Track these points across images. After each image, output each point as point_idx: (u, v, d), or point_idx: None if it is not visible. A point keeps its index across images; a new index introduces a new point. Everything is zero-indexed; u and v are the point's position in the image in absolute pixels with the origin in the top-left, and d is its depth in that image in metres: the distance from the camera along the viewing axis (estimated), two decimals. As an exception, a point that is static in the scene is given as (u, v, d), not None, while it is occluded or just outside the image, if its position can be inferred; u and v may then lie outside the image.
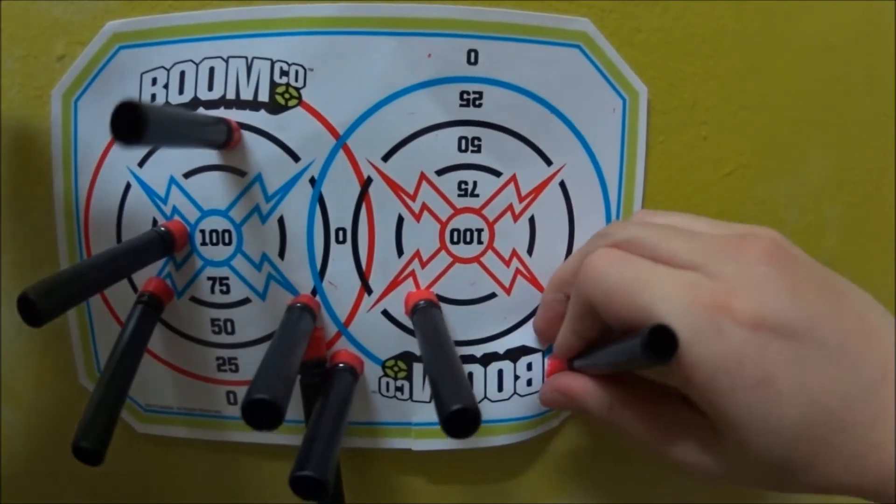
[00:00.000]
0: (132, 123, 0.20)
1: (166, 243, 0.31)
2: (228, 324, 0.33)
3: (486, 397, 0.34)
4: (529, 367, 0.34)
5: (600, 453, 0.37)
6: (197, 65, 0.31)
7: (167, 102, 0.32)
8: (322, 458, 0.25)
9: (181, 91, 0.31)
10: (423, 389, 0.33)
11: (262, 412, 0.22)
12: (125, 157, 0.32)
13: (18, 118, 0.33)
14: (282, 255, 0.32)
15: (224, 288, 0.32)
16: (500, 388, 0.34)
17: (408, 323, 0.32)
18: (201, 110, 0.31)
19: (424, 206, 0.31)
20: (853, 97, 0.35)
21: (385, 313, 0.32)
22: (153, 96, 0.32)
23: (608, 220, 0.33)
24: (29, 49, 0.33)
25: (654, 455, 0.27)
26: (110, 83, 0.32)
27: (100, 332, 0.34)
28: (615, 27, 0.33)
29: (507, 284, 0.33)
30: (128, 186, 0.32)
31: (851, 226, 0.37)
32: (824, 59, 0.34)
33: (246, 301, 0.32)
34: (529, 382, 0.34)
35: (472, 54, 0.31)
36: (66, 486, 0.38)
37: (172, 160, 0.32)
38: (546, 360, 0.34)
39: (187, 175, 0.32)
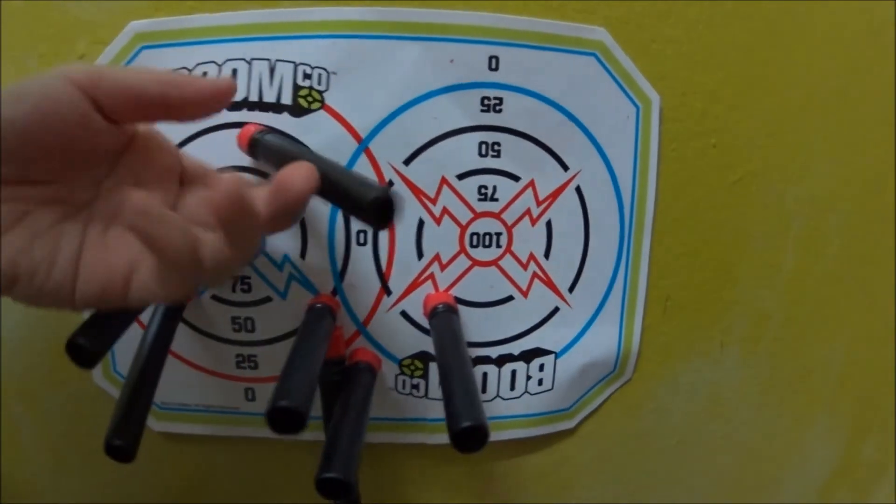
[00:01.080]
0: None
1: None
2: (249, 322, 0.32)
3: (498, 395, 0.34)
4: (542, 367, 0.34)
5: (613, 453, 0.38)
6: (220, 66, 0.31)
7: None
8: (346, 460, 0.25)
9: (204, 92, 0.31)
10: (438, 387, 0.33)
11: (286, 418, 0.22)
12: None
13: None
14: (303, 255, 0.31)
15: (246, 287, 0.32)
16: (513, 388, 0.34)
17: (426, 324, 0.32)
18: (223, 112, 0.31)
19: (445, 210, 0.31)
20: (854, 108, 0.36)
21: (404, 314, 0.32)
22: (176, 96, 0.31)
23: (622, 224, 0.34)
24: (49, 47, 0.32)
25: None
26: (132, 83, 0.31)
27: (118, 329, 0.34)
28: (630, 37, 0.33)
29: (524, 287, 0.33)
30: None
31: (853, 232, 0.38)
32: (827, 72, 0.35)
33: (267, 300, 0.32)
34: (540, 382, 0.35)
35: (494, 60, 0.31)
36: (80, 484, 0.38)
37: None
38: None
39: (210, 175, 0.31)
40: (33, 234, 0.20)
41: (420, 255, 0.32)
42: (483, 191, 0.31)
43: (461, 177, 0.31)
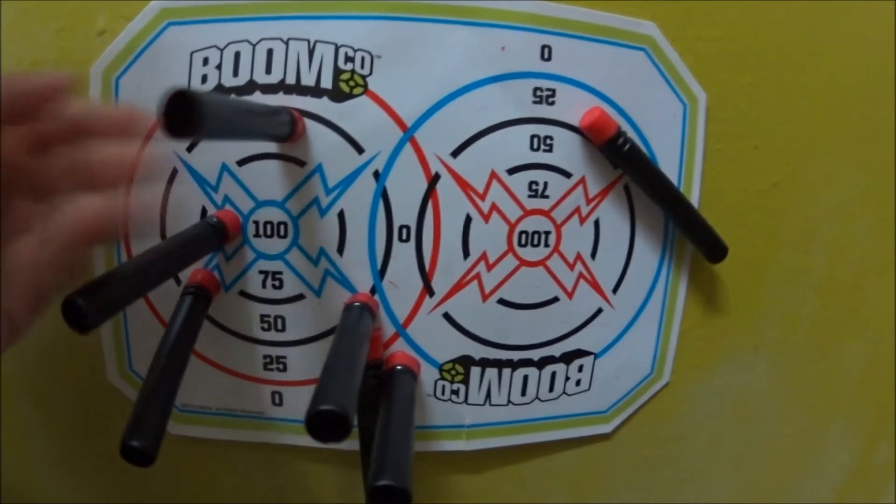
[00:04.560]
0: (186, 115, 0.16)
1: (219, 235, 0.26)
2: (279, 320, 0.28)
3: (537, 398, 0.31)
4: (580, 368, 0.31)
5: (645, 456, 0.35)
6: (254, 46, 0.27)
7: (220, 85, 0.27)
8: (400, 466, 0.21)
9: (236, 73, 0.27)
10: (478, 392, 0.30)
11: (329, 423, 0.18)
12: (173, 141, 0.27)
13: (52, 95, 0.28)
14: (341, 250, 0.27)
15: (277, 283, 0.28)
16: (551, 389, 0.31)
17: (471, 327, 0.29)
18: (258, 94, 0.27)
19: (494, 207, 0.28)
20: (883, 114, 0.33)
21: (447, 316, 0.28)
22: (204, 77, 0.27)
23: (666, 225, 0.30)
24: (66, 22, 0.27)
25: None
26: (157, 61, 0.27)
27: (134, 326, 0.29)
28: (677, 34, 0.30)
29: (569, 288, 0.29)
30: (174, 172, 0.27)
31: (878, 238, 0.35)
32: (857, 75, 0.33)
33: (300, 297, 0.28)
34: (578, 383, 0.31)
35: (546, 50, 0.27)
36: (89, 487, 0.33)
37: (225, 146, 0.27)
38: None
39: (241, 163, 0.27)
40: None
41: (466, 253, 0.28)
42: (534, 187, 0.28)
43: (511, 171, 0.28)
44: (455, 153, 0.27)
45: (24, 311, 0.20)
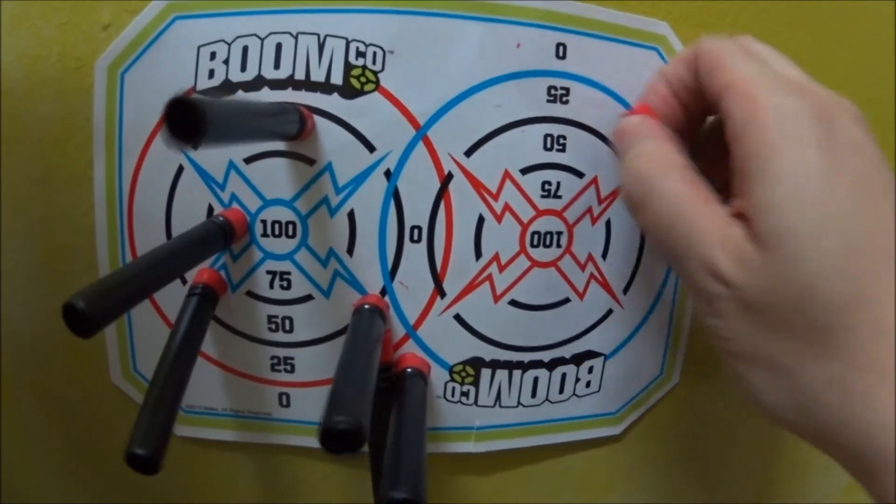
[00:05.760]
0: (189, 122, 0.15)
1: (226, 235, 0.25)
2: (287, 321, 0.27)
3: (547, 399, 0.30)
4: (591, 370, 0.30)
5: (655, 457, 0.34)
6: (262, 40, 0.25)
7: (227, 80, 0.26)
8: (414, 476, 0.21)
9: (243, 68, 0.26)
10: (488, 394, 0.29)
11: (343, 437, 0.18)
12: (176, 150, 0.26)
13: (55, 91, 0.27)
14: (350, 251, 0.26)
15: (285, 283, 0.27)
16: (561, 391, 0.30)
17: (482, 328, 0.28)
18: (266, 90, 0.26)
19: (507, 207, 0.27)
20: (891, 118, 0.32)
21: (458, 318, 0.28)
22: (211, 72, 0.26)
23: (678, 226, 0.30)
24: (70, 16, 0.26)
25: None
26: (163, 56, 0.26)
27: (138, 326, 0.28)
28: (690, 34, 0.29)
29: (580, 289, 0.28)
30: (180, 169, 0.26)
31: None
32: (867, 82, 0.32)
33: (308, 298, 0.27)
34: (588, 384, 0.30)
35: (561, 48, 0.26)
36: (91, 488, 0.32)
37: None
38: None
39: (249, 160, 0.26)
40: None
41: (478, 254, 0.27)
42: (547, 187, 0.27)
43: (525, 171, 0.27)
44: (468, 152, 0.26)
45: None
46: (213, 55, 0.26)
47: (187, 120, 0.15)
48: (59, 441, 0.31)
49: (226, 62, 0.26)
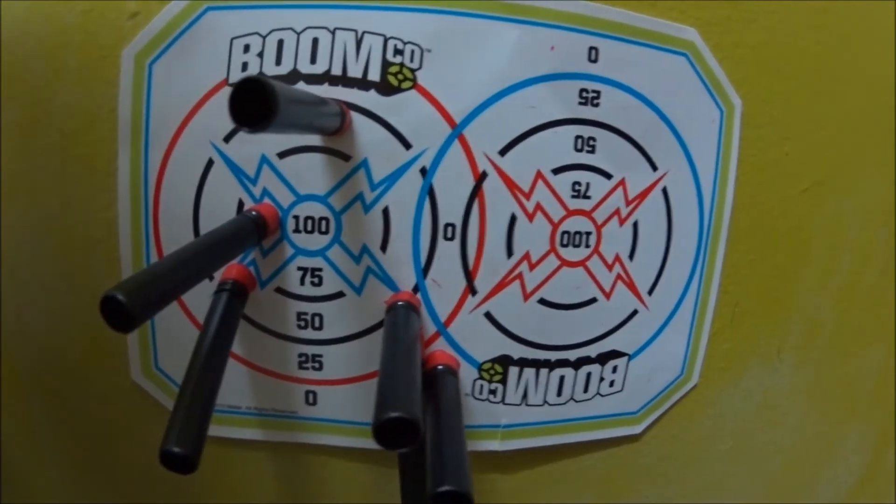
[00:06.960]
0: (257, 105, 0.15)
1: (259, 230, 0.24)
2: (317, 318, 0.27)
3: (572, 398, 0.30)
4: (615, 369, 0.30)
5: (673, 457, 0.34)
6: (298, 34, 0.25)
7: (261, 73, 0.25)
8: (459, 470, 0.20)
9: (278, 62, 0.25)
10: (515, 392, 0.29)
11: (398, 431, 0.17)
12: (209, 130, 0.25)
13: (77, 81, 0.26)
14: (384, 248, 0.26)
15: (316, 280, 0.26)
16: (586, 390, 0.30)
17: (511, 326, 0.28)
18: (301, 85, 0.25)
19: (538, 206, 0.27)
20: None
21: (488, 315, 0.27)
22: (244, 65, 0.25)
23: (700, 227, 0.30)
24: (94, 4, 0.25)
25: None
26: (194, 47, 0.25)
27: (162, 323, 0.27)
28: (717, 40, 0.29)
29: (607, 289, 0.29)
30: (210, 163, 0.25)
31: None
32: (890, 87, 0.32)
33: (339, 295, 0.26)
34: (612, 384, 0.31)
35: (594, 52, 0.26)
36: (105, 488, 0.31)
37: (266, 137, 0.25)
38: None
39: (282, 155, 0.25)
40: None
41: (510, 253, 0.27)
42: (577, 187, 0.27)
43: (556, 171, 0.27)
44: (503, 152, 0.26)
45: None
46: (246, 48, 0.25)
47: (257, 102, 0.15)
48: (69, 439, 0.30)
49: (260, 55, 0.25)
